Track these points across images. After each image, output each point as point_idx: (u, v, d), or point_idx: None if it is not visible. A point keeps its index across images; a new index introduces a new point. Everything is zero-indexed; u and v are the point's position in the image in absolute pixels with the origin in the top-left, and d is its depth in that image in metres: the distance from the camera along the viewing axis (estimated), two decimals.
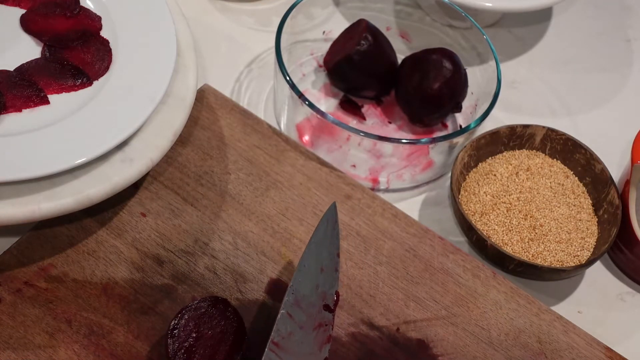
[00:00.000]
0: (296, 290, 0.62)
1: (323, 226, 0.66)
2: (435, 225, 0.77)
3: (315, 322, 0.62)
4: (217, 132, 0.77)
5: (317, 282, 0.64)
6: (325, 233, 0.66)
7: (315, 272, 0.64)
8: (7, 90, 0.68)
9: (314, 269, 0.64)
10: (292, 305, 0.61)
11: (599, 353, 0.68)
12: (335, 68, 0.81)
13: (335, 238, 0.67)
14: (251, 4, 0.93)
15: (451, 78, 0.79)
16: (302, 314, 0.61)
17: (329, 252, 0.66)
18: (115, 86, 0.70)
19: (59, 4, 0.74)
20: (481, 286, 0.71)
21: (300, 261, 0.63)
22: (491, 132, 0.79)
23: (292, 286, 0.62)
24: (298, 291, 0.62)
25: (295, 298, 0.61)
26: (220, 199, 0.72)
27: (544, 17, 1.00)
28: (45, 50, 0.72)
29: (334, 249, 0.67)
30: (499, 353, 0.67)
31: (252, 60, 0.88)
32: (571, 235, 0.75)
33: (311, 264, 0.64)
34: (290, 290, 0.61)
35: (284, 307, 0.60)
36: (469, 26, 0.84)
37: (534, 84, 0.93)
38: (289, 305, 0.61)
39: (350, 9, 0.89)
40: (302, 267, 0.63)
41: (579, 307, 0.75)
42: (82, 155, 0.64)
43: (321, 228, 0.66)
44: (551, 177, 0.79)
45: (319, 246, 0.65)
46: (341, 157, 0.78)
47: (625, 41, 1.00)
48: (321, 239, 0.65)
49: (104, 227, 0.69)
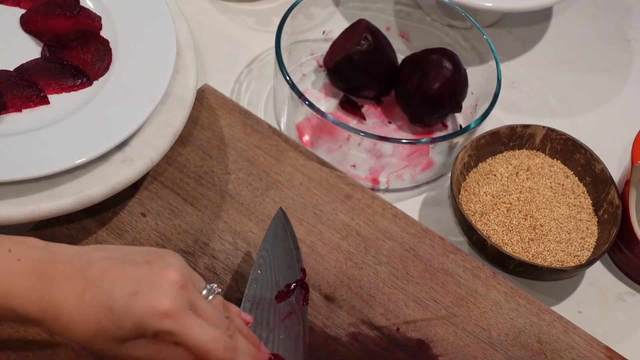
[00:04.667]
0: (252, 297, 0.63)
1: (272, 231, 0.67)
2: (435, 225, 0.77)
3: (283, 313, 0.63)
4: (217, 132, 0.77)
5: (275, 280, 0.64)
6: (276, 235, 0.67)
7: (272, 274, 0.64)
8: (7, 90, 0.68)
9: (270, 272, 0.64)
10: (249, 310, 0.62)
11: (599, 353, 0.68)
12: (335, 68, 0.81)
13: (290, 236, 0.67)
14: (251, 4, 0.93)
15: (451, 78, 0.79)
16: (264, 312, 0.62)
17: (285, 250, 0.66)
18: (115, 86, 0.70)
19: (59, 4, 0.74)
20: (481, 286, 0.71)
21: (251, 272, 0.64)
22: (491, 132, 0.79)
23: (246, 295, 0.62)
24: (254, 297, 0.63)
25: (252, 303, 0.62)
26: (220, 199, 0.72)
27: (544, 17, 1.00)
28: (45, 50, 0.72)
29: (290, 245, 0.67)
30: (499, 353, 0.67)
31: (252, 60, 0.88)
32: (571, 235, 0.75)
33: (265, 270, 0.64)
34: (245, 299, 0.62)
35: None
36: (469, 26, 0.84)
37: (534, 84, 0.93)
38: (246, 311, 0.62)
39: (350, 9, 0.89)
40: (255, 276, 0.64)
41: (579, 307, 0.75)
42: (82, 155, 0.64)
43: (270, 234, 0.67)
44: (551, 177, 0.79)
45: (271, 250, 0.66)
46: (341, 157, 0.78)
47: (625, 41, 1.00)
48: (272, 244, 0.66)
49: (104, 227, 0.68)
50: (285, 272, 0.65)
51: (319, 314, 0.66)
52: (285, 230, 0.68)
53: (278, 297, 0.63)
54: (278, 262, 0.65)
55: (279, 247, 0.66)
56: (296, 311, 0.63)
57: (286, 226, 0.68)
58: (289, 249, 0.67)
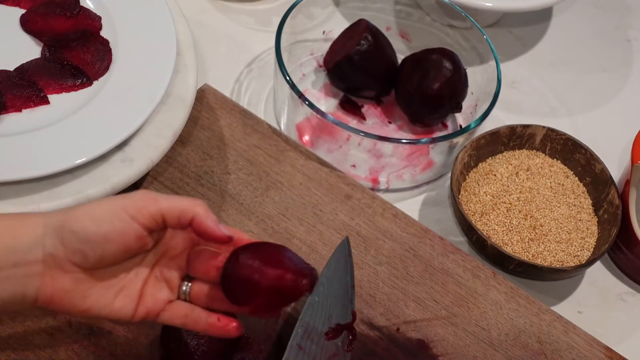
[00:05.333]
0: (306, 323, 0.61)
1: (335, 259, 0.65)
2: (435, 225, 0.77)
3: (329, 352, 0.61)
4: (217, 132, 0.77)
5: (329, 314, 0.63)
6: (337, 266, 0.65)
7: (327, 306, 0.63)
8: (7, 90, 0.68)
9: (326, 303, 0.63)
10: (301, 337, 0.60)
11: (599, 353, 0.68)
12: (335, 68, 0.81)
13: (349, 271, 0.66)
14: (251, 4, 0.93)
15: (451, 78, 0.79)
16: (313, 345, 0.60)
17: (342, 285, 0.65)
18: (115, 86, 0.70)
19: (59, 4, 0.74)
20: (481, 286, 0.71)
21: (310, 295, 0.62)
22: (491, 132, 0.79)
23: (302, 319, 0.61)
24: (308, 324, 0.61)
25: (305, 330, 0.61)
26: (220, 199, 0.72)
27: (544, 17, 1.00)
28: (45, 50, 0.72)
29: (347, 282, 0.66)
30: (499, 353, 0.67)
31: (252, 60, 0.88)
32: (571, 235, 0.75)
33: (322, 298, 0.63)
34: (299, 323, 0.61)
35: (293, 339, 0.59)
36: (469, 26, 0.84)
37: (534, 84, 0.93)
38: (298, 337, 0.60)
39: (350, 9, 0.89)
40: (312, 301, 0.62)
41: (579, 307, 0.75)
42: (82, 155, 0.64)
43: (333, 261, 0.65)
44: (551, 177, 0.79)
45: (331, 280, 0.64)
46: (341, 157, 0.78)
47: (625, 41, 1.00)
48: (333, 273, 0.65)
49: None
50: (339, 309, 0.63)
51: None
52: (347, 264, 0.66)
53: (328, 334, 0.62)
54: (334, 295, 0.64)
55: (337, 280, 0.65)
56: (339, 355, 0.62)
57: (347, 259, 0.66)
58: (346, 285, 0.65)
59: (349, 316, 0.63)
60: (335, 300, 0.63)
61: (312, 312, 0.62)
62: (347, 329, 0.63)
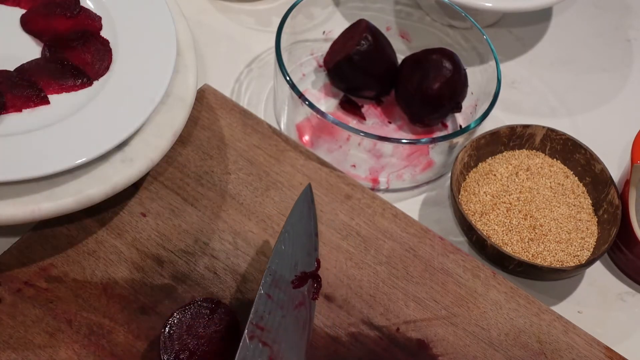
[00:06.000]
0: (274, 271, 0.62)
1: (298, 207, 0.66)
2: (435, 225, 0.77)
3: (295, 301, 0.62)
4: (217, 132, 0.77)
5: (295, 262, 0.64)
6: (302, 214, 0.66)
7: (293, 253, 0.64)
8: (7, 90, 0.68)
9: (291, 251, 0.64)
10: (270, 286, 0.61)
11: (599, 353, 0.68)
12: (335, 68, 0.81)
13: (313, 218, 0.67)
14: (251, 4, 0.93)
15: (451, 78, 0.79)
16: (281, 294, 0.61)
17: (307, 232, 0.66)
18: (115, 86, 0.70)
19: (59, 4, 0.74)
20: (481, 286, 0.71)
21: (276, 243, 0.63)
22: (491, 132, 0.79)
23: (269, 267, 0.62)
24: (276, 272, 0.62)
25: (273, 279, 0.62)
26: (220, 199, 0.72)
27: (544, 17, 1.00)
28: (45, 50, 0.72)
29: (311, 229, 0.66)
30: (499, 353, 0.67)
31: (252, 60, 0.88)
32: (571, 235, 0.75)
33: (288, 246, 0.64)
34: (267, 271, 0.62)
35: (262, 288, 0.60)
36: (469, 26, 0.84)
37: (534, 84, 0.93)
38: (267, 285, 0.61)
39: (350, 9, 0.89)
40: (279, 249, 0.63)
41: (579, 307, 0.75)
42: (82, 155, 0.64)
43: (297, 209, 0.66)
44: (551, 177, 0.79)
45: (295, 227, 0.65)
46: (341, 157, 0.78)
47: (625, 41, 1.00)
48: (297, 220, 0.66)
49: (104, 227, 0.69)
50: (304, 258, 0.64)
51: (319, 313, 0.66)
52: (310, 211, 0.67)
53: (294, 283, 0.63)
54: (299, 243, 0.64)
55: (301, 227, 0.65)
56: (306, 303, 0.63)
57: (311, 206, 0.67)
58: (309, 233, 0.66)
59: (313, 264, 0.65)
60: (300, 248, 0.64)
61: (279, 260, 0.63)
62: (313, 277, 0.64)
